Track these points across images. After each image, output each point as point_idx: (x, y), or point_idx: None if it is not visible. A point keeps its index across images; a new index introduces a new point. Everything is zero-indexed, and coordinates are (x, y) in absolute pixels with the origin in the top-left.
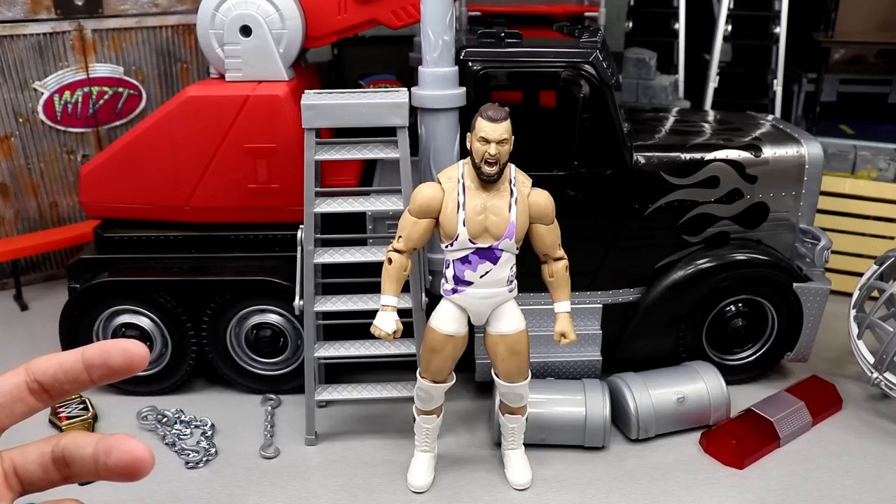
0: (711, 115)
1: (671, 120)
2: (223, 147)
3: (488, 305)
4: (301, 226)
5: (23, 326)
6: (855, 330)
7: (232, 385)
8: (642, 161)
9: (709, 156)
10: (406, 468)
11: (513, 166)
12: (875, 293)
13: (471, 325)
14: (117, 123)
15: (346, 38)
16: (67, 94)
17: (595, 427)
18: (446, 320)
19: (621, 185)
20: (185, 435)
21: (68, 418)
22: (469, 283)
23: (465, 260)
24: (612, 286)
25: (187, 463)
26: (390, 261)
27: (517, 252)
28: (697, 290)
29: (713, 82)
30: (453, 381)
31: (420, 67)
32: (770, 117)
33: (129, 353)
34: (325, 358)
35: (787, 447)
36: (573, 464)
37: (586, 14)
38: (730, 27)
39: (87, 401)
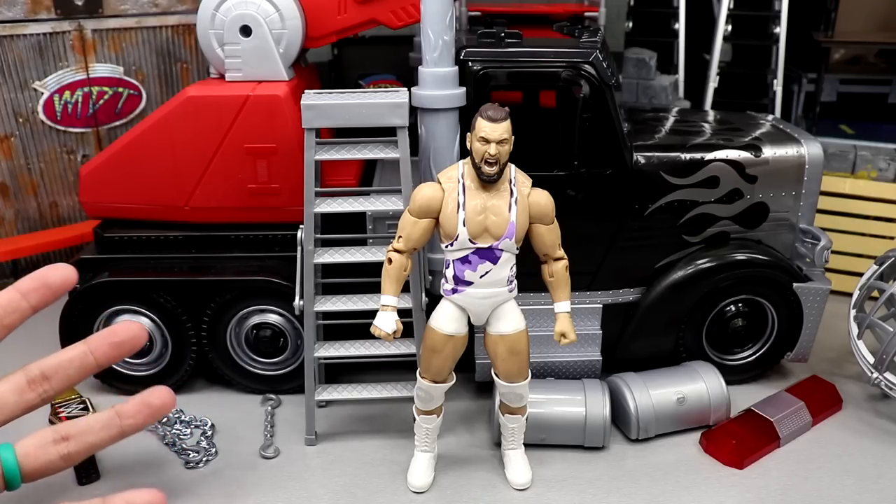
0: (711, 115)
1: (671, 120)
2: (223, 147)
3: (488, 305)
4: (301, 226)
5: (23, 326)
6: (855, 330)
7: (232, 385)
8: (642, 161)
9: (709, 156)
10: (406, 468)
11: (513, 166)
12: (875, 293)
13: (471, 325)
14: (117, 123)
15: (346, 38)
16: (67, 94)
17: (595, 427)
18: (446, 320)
19: (621, 185)
20: (185, 435)
21: (69, 418)
22: (469, 283)
23: (465, 260)
24: (612, 286)
25: (187, 463)
26: (390, 261)
27: (517, 252)
28: (697, 290)
29: (713, 82)
30: (453, 381)
31: (420, 67)
32: (770, 117)
33: (64, 269)
34: (325, 358)
35: (787, 447)
36: (573, 464)
37: (586, 14)
38: (730, 27)
39: (87, 401)
